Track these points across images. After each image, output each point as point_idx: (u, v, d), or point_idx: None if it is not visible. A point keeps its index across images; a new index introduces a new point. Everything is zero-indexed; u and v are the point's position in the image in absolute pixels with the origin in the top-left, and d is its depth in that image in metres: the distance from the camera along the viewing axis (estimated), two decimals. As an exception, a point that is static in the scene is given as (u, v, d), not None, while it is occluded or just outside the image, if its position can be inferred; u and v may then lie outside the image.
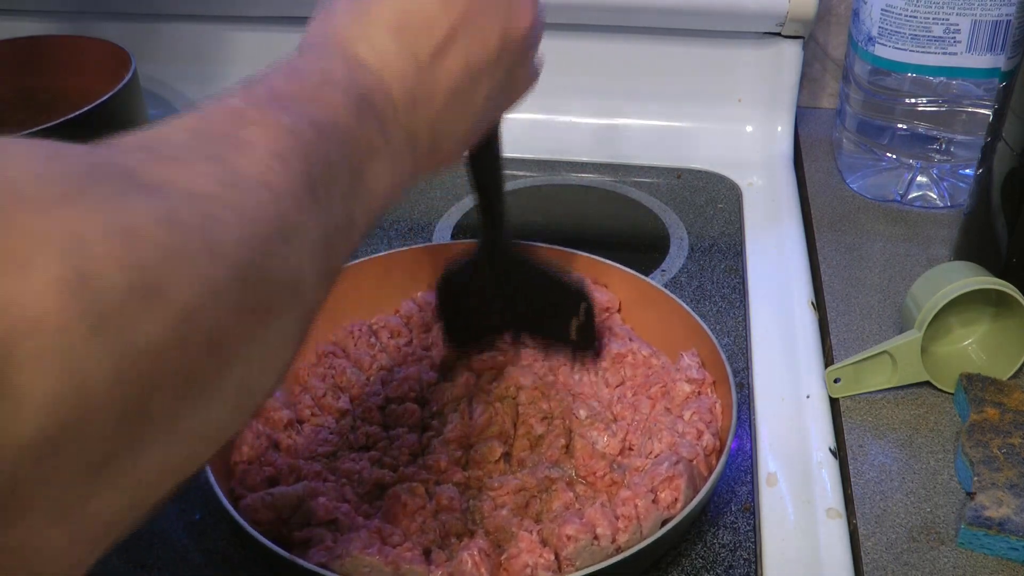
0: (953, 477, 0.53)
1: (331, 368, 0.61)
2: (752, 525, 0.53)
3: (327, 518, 0.50)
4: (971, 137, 0.74)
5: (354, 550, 0.47)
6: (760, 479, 0.55)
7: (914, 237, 0.73)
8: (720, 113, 0.89)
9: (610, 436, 0.55)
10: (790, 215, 0.78)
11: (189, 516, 0.55)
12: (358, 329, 0.63)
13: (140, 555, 0.52)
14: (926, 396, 0.59)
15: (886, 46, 0.72)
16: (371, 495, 0.53)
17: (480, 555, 0.47)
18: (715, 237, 0.77)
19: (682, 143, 0.88)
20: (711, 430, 0.54)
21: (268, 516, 0.49)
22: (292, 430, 0.56)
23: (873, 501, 0.52)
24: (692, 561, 0.51)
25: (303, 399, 0.59)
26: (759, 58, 0.86)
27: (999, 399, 0.55)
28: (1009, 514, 0.48)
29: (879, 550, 0.49)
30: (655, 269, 0.73)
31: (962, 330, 0.61)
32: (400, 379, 0.59)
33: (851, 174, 0.80)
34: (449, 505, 0.51)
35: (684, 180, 0.85)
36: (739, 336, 0.66)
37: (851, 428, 0.57)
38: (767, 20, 0.82)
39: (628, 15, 0.84)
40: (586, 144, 0.88)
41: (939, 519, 0.51)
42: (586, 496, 0.51)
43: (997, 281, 0.57)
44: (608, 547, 0.47)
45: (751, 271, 0.72)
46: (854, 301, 0.67)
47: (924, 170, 0.76)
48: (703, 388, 0.57)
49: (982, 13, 0.68)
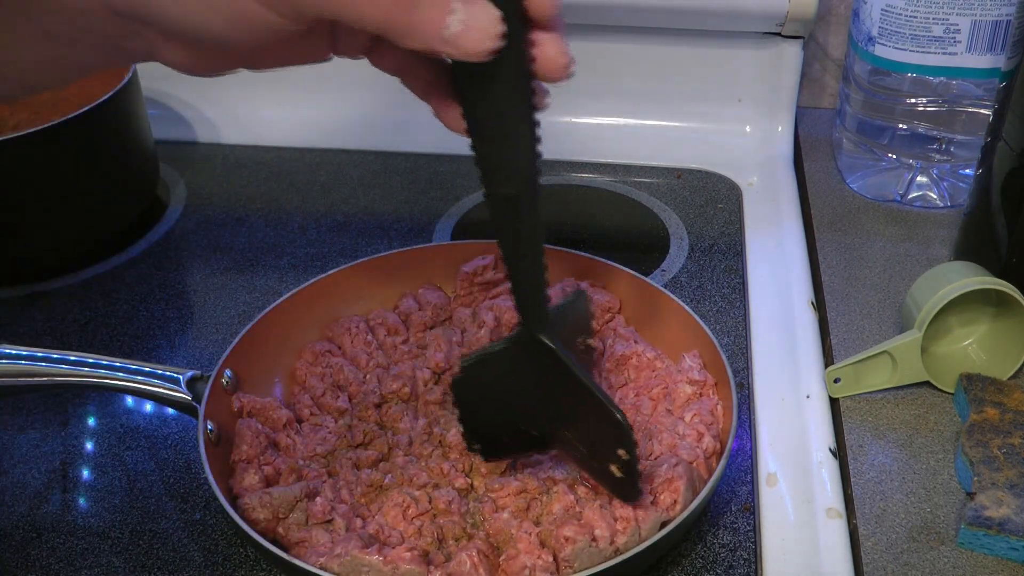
0: (953, 477, 0.53)
1: (328, 367, 0.61)
2: (752, 525, 0.53)
3: (325, 518, 0.50)
4: (971, 137, 0.74)
5: (353, 550, 0.47)
6: (760, 479, 0.55)
7: (914, 237, 0.73)
8: (720, 113, 0.89)
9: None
10: (790, 215, 0.78)
11: (189, 516, 0.55)
12: (355, 326, 0.63)
13: (140, 555, 0.52)
14: (926, 396, 0.59)
15: (886, 46, 0.72)
16: (368, 496, 0.53)
17: (479, 556, 0.47)
18: (715, 237, 0.77)
19: (682, 143, 0.88)
20: (712, 432, 0.54)
21: (266, 515, 0.49)
22: (291, 429, 0.56)
23: (873, 501, 0.52)
24: (692, 561, 0.51)
25: (302, 399, 0.59)
26: (759, 58, 0.86)
27: (999, 399, 0.55)
28: (1009, 514, 0.48)
29: (879, 550, 0.49)
30: (655, 269, 0.73)
31: (962, 330, 0.61)
32: (394, 376, 0.59)
33: (851, 174, 0.80)
34: (448, 509, 0.51)
35: (684, 180, 0.85)
36: (739, 336, 0.66)
37: (851, 428, 0.57)
38: (767, 20, 0.82)
39: (628, 15, 0.84)
40: (586, 144, 0.88)
41: (939, 519, 0.51)
42: (587, 498, 0.51)
43: (997, 281, 0.57)
44: (607, 549, 0.47)
45: (751, 271, 0.72)
46: (854, 301, 0.67)
47: (924, 170, 0.76)
48: (705, 390, 0.57)
49: (982, 13, 0.68)
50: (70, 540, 0.54)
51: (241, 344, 0.58)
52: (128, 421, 0.62)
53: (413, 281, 0.67)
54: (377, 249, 0.75)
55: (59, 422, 0.62)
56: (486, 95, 0.37)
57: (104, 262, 0.76)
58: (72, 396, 0.63)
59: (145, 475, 0.57)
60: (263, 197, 0.84)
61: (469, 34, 0.32)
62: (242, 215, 0.82)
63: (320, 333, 0.63)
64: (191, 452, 0.59)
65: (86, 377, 0.55)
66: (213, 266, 0.76)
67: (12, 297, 0.73)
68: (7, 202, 0.71)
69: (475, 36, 0.33)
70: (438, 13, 0.32)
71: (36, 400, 0.63)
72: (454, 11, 0.32)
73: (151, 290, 0.73)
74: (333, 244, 0.78)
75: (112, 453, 0.59)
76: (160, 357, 0.67)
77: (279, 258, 0.76)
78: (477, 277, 0.65)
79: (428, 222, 0.80)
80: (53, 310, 0.71)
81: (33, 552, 0.53)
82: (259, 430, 0.55)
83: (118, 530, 0.54)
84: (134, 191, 0.80)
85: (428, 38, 0.32)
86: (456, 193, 0.83)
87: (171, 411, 0.61)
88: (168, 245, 0.79)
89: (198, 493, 0.56)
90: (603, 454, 0.47)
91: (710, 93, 0.88)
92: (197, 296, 0.73)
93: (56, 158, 0.71)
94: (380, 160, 0.89)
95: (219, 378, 0.56)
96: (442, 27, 0.32)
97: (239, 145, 0.91)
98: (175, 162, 0.89)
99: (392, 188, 0.85)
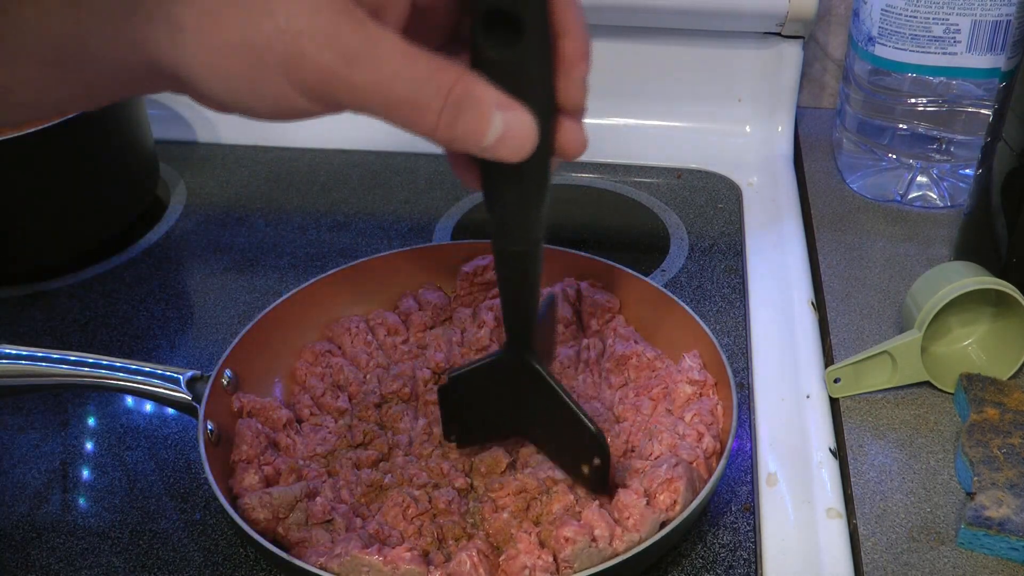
0: (953, 477, 0.53)
1: (328, 367, 0.61)
2: (752, 525, 0.53)
3: (325, 518, 0.50)
4: (971, 137, 0.73)
5: (353, 549, 0.47)
6: (760, 479, 0.55)
7: (914, 237, 0.73)
8: (720, 113, 0.89)
9: (613, 437, 0.55)
10: (790, 215, 0.78)
11: (189, 516, 0.55)
12: (355, 326, 0.63)
13: (140, 555, 0.52)
14: (926, 396, 0.59)
15: (886, 46, 0.72)
16: (369, 495, 0.53)
17: (478, 556, 0.47)
18: (715, 237, 0.77)
19: (682, 143, 0.88)
20: (712, 432, 0.54)
21: (266, 515, 0.49)
22: (291, 429, 0.56)
23: (873, 501, 0.52)
24: (692, 561, 0.51)
25: (302, 399, 0.59)
26: (759, 58, 0.86)
27: (999, 399, 0.55)
28: (1009, 514, 0.48)
29: (879, 550, 0.49)
30: (655, 269, 0.73)
31: (962, 330, 0.61)
32: (394, 376, 0.59)
33: (851, 174, 0.80)
34: (447, 509, 0.51)
35: (684, 180, 0.85)
36: (739, 336, 0.66)
37: (851, 428, 0.57)
38: (767, 20, 0.82)
39: (628, 15, 0.84)
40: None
41: (939, 519, 0.51)
42: (588, 498, 0.51)
43: (997, 281, 0.57)
44: (606, 549, 0.47)
45: (751, 271, 0.72)
46: (854, 301, 0.67)
47: (924, 170, 0.76)
48: (705, 390, 0.57)
49: (982, 13, 0.68)
50: (70, 540, 0.54)
51: (241, 344, 0.58)
52: (128, 421, 0.62)
53: (413, 281, 0.67)
54: (377, 249, 0.75)
55: (59, 422, 0.62)
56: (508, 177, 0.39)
57: (104, 262, 0.76)
58: (72, 396, 0.63)
59: (145, 475, 0.57)
60: (263, 197, 0.84)
61: (506, 143, 0.34)
62: (242, 215, 0.82)
63: (320, 333, 0.63)
64: (191, 452, 0.59)
65: (86, 377, 0.55)
66: (213, 266, 0.76)
67: (12, 297, 0.73)
68: (7, 202, 0.71)
69: (512, 144, 0.34)
70: (477, 124, 0.33)
71: (36, 400, 0.63)
72: (492, 122, 0.33)
73: (151, 290, 0.73)
74: (333, 244, 0.78)
75: (112, 453, 0.59)
76: (160, 357, 0.67)
77: (279, 258, 0.76)
78: (477, 277, 0.65)
79: (428, 222, 0.80)
80: (53, 310, 0.71)
81: (33, 552, 0.53)
82: (259, 430, 0.55)
83: (118, 530, 0.54)
84: (134, 191, 0.80)
85: (468, 147, 0.33)
86: (456, 193, 0.83)
87: (171, 411, 0.61)
88: (168, 245, 0.79)
89: (198, 493, 0.56)
90: (577, 457, 0.51)
91: (710, 93, 0.88)
92: (197, 296, 0.73)
93: (56, 158, 0.71)
94: (380, 160, 0.89)
95: (219, 378, 0.56)
96: (482, 138, 0.33)
97: (239, 145, 0.91)
98: (175, 162, 0.89)
99: (392, 188, 0.85)
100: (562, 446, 0.52)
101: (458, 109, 0.33)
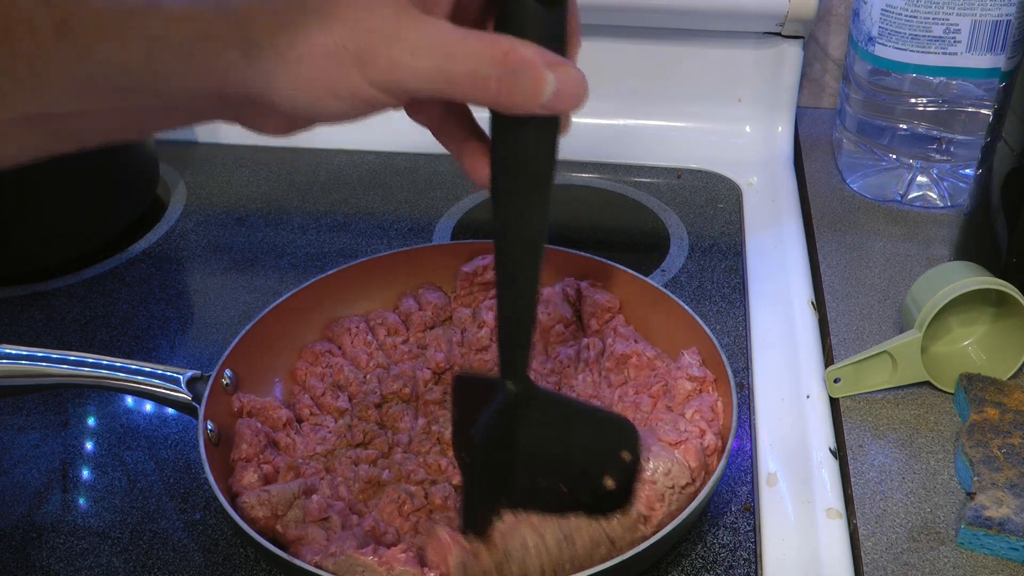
0: (953, 477, 0.53)
1: (329, 367, 0.61)
2: (752, 525, 0.53)
3: (321, 516, 0.50)
4: (971, 137, 0.74)
5: (348, 549, 0.47)
6: (760, 479, 0.55)
7: (914, 237, 0.73)
8: (720, 113, 0.89)
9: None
10: (790, 215, 0.78)
11: (189, 516, 0.55)
12: (355, 326, 0.63)
13: (140, 555, 0.52)
14: (926, 396, 0.59)
15: (886, 46, 0.72)
16: (366, 492, 0.53)
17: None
18: (715, 237, 0.77)
19: (682, 143, 0.88)
20: (713, 429, 0.54)
21: (264, 513, 0.49)
22: (291, 429, 0.56)
23: (873, 501, 0.52)
24: (692, 561, 0.51)
25: (302, 398, 0.59)
26: (759, 58, 0.86)
27: (999, 399, 0.55)
28: (1009, 514, 0.48)
29: (879, 550, 0.49)
30: (655, 269, 0.73)
31: (962, 330, 0.61)
32: (394, 376, 0.59)
33: (851, 174, 0.80)
34: (444, 505, 0.51)
35: (684, 180, 0.85)
36: (739, 336, 0.66)
37: (851, 428, 0.57)
38: (767, 20, 0.82)
39: (628, 15, 0.84)
40: (586, 144, 0.88)
41: (939, 519, 0.51)
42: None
43: (997, 281, 0.57)
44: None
45: (751, 271, 0.72)
46: (854, 301, 0.67)
47: (924, 170, 0.76)
48: (704, 386, 0.57)
49: (982, 13, 0.68)
50: (70, 540, 0.54)
51: (241, 344, 0.58)
52: (128, 421, 0.62)
53: (413, 281, 0.67)
54: (377, 249, 0.75)
55: (59, 422, 0.62)
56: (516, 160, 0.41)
57: (104, 262, 0.76)
58: (72, 396, 0.63)
59: (145, 475, 0.57)
60: (263, 197, 0.84)
61: (561, 97, 0.36)
62: (242, 215, 0.82)
63: (320, 333, 0.63)
64: (191, 452, 0.59)
65: (86, 377, 0.55)
66: (213, 266, 0.76)
67: (12, 297, 0.73)
68: (7, 202, 0.71)
69: (567, 97, 0.37)
70: (534, 85, 0.36)
71: (36, 400, 0.63)
72: (547, 81, 0.36)
73: (151, 290, 0.73)
74: (333, 244, 0.78)
75: (112, 453, 0.59)
76: (160, 357, 0.67)
77: (279, 258, 0.76)
78: (477, 277, 0.65)
79: (428, 222, 0.80)
80: (53, 310, 0.71)
81: (33, 552, 0.53)
82: (259, 429, 0.55)
83: (118, 530, 0.54)
84: (134, 191, 0.80)
85: (529, 107, 0.36)
86: (456, 193, 0.83)
87: (171, 411, 0.61)
88: (168, 245, 0.79)
89: (198, 493, 0.56)
90: (598, 471, 0.47)
91: (710, 93, 0.88)
92: (197, 296, 0.73)
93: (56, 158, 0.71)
94: (380, 160, 0.89)
95: (219, 378, 0.56)
96: (540, 96, 0.36)
97: (239, 145, 0.91)
98: (175, 162, 0.89)
99: (392, 188, 0.85)
100: (580, 468, 0.48)
101: (515, 75, 0.35)
